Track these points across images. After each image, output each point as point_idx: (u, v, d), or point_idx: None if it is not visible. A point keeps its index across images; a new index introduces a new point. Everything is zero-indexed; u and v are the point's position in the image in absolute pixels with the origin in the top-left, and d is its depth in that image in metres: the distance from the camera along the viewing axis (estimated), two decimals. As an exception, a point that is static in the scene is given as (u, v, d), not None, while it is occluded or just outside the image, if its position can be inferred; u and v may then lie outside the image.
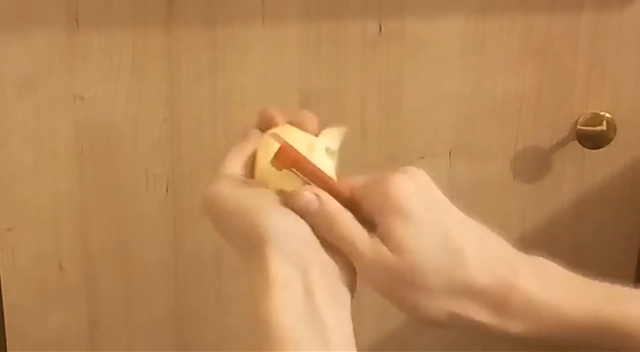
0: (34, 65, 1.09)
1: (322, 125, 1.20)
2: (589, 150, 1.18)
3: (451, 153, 1.18)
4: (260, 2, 1.09)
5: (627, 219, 1.24)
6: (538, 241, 1.22)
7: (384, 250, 0.59)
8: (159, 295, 1.20)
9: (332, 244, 0.60)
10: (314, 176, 0.62)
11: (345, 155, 1.12)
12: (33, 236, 1.15)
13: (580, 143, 1.17)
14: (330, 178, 0.63)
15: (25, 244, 1.16)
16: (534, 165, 1.20)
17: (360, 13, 1.11)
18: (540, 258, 0.62)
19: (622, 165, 1.21)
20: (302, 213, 0.60)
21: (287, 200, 0.60)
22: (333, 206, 0.60)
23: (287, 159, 0.61)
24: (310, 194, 0.60)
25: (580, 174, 1.21)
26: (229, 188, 0.62)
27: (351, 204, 0.62)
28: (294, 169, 0.61)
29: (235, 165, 0.66)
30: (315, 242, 0.59)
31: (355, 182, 0.64)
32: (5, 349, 1.19)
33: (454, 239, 0.59)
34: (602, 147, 1.17)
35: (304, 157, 0.62)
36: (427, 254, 0.58)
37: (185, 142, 1.14)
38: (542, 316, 0.58)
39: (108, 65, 1.10)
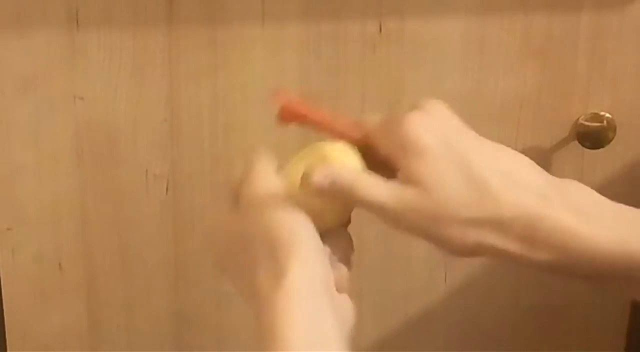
0: (34, 65, 1.09)
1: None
2: (589, 150, 1.18)
3: (451, 153, 1.18)
4: (260, 2, 1.09)
5: (627, 219, 1.24)
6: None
7: (407, 192, 0.59)
8: (159, 295, 1.20)
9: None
10: (322, 125, 0.61)
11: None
12: (33, 236, 1.15)
13: (580, 143, 1.17)
14: (340, 122, 0.62)
15: (25, 244, 1.16)
16: (534, 165, 1.20)
17: (360, 13, 1.11)
18: (573, 182, 0.62)
19: (622, 165, 1.21)
20: (319, 193, 0.60)
21: (301, 185, 0.60)
22: (344, 176, 0.60)
23: (290, 115, 0.61)
24: (318, 175, 0.60)
25: (580, 174, 1.21)
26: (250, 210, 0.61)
27: (365, 146, 0.62)
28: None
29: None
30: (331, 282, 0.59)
31: (369, 122, 0.64)
32: (5, 349, 1.19)
33: (477, 170, 0.59)
34: (602, 147, 1.17)
35: (307, 109, 0.61)
36: (451, 187, 0.58)
37: (185, 142, 1.14)
38: (571, 246, 0.58)
39: (108, 65, 1.09)
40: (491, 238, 0.58)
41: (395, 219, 0.59)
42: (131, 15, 1.08)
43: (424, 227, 0.59)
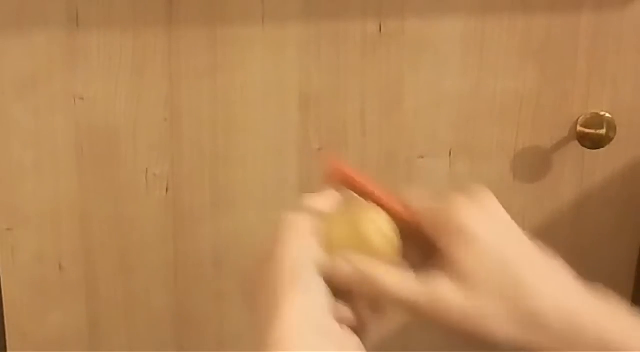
0: (34, 65, 1.09)
1: (322, 126, 1.20)
2: (589, 150, 1.18)
3: (451, 153, 1.18)
4: (260, 2, 1.09)
5: (627, 219, 1.24)
6: (538, 241, 1.22)
7: (442, 286, 0.58)
8: (159, 295, 1.20)
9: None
10: (371, 196, 0.61)
11: (345, 156, 1.12)
12: (33, 236, 1.15)
13: (580, 143, 1.17)
14: (389, 197, 0.62)
15: (25, 244, 1.16)
16: (534, 165, 1.20)
17: (360, 13, 1.11)
18: (601, 289, 0.61)
19: (622, 165, 1.21)
20: (345, 283, 0.59)
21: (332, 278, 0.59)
22: (371, 270, 0.59)
23: (341, 177, 0.60)
24: (342, 266, 0.59)
25: (580, 174, 1.21)
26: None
27: (410, 225, 0.61)
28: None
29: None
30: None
31: (417, 201, 0.63)
32: (5, 349, 1.19)
33: (518, 268, 0.58)
34: (602, 147, 1.17)
35: (359, 176, 0.60)
36: (490, 280, 0.58)
37: (185, 142, 1.14)
38: (610, 348, 0.57)
39: (108, 65, 1.10)
40: (528, 336, 0.58)
41: (426, 316, 0.59)
42: (131, 16, 1.08)
43: (456, 323, 0.58)
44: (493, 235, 0.59)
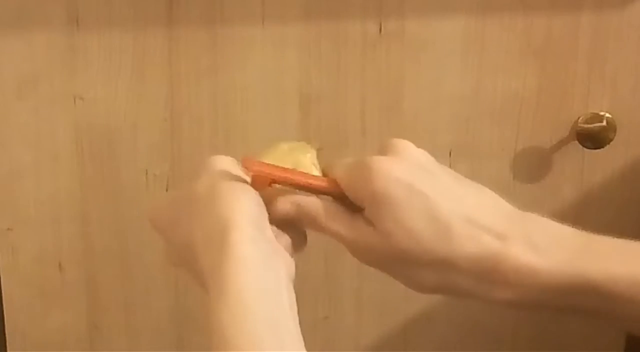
0: (34, 65, 1.09)
1: (322, 126, 1.20)
2: (589, 150, 1.18)
3: (451, 153, 1.18)
4: (260, 2, 1.09)
5: (627, 219, 1.24)
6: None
7: (370, 234, 0.60)
8: (159, 295, 1.20)
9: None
10: (294, 184, 0.63)
11: (345, 156, 1.12)
12: (33, 236, 1.15)
13: (580, 143, 1.17)
14: (310, 178, 0.64)
15: (25, 244, 1.16)
16: (534, 165, 1.20)
17: (360, 13, 1.11)
18: (533, 216, 0.63)
19: (622, 165, 1.21)
20: (287, 219, 0.62)
21: (270, 213, 0.61)
22: (310, 206, 0.62)
23: (264, 182, 0.62)
24: (284, 203, 0.62)
25: (580, 174, 1.21)
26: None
27: (335, 194, 0.63)
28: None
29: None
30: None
31: (338, 170, 0.64)
32: (5, 349, 1.19)
33: (439, 213, 0.60)
34: (602, 147, 1.17)
35: (275, 172, 0.63)
36: (414, 234, 0.59)
37: (185, 142, 1.14)
38: (531, 284, 0.59)
39: (108, 65, 1.10)
40: (451, 279, 0.60)
41: (355, 254, 0.62)
42: (131, 16, 1.08)
43: (382, 265, 0.62)
44: (412, 191, 0.60)
